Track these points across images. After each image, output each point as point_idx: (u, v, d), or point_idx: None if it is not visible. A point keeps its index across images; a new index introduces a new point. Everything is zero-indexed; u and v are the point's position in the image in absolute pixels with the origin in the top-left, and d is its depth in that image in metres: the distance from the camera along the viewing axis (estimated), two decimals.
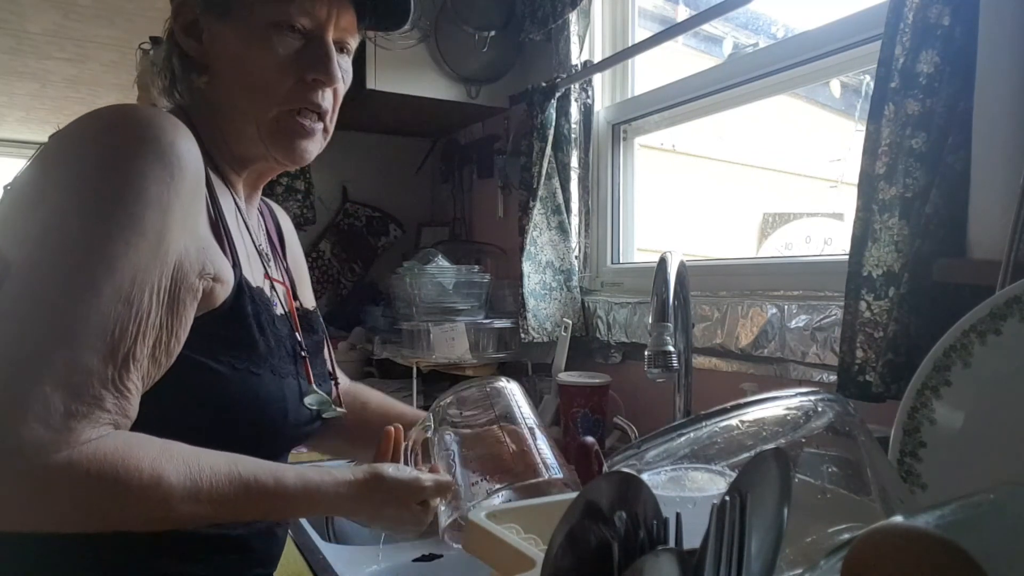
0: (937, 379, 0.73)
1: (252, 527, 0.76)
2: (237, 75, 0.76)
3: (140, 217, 0.61)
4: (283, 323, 0.80)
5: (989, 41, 0.83)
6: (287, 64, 0.75)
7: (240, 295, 0.71)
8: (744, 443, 0.50)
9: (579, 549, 0.40)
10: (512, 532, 0.64)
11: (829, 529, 0.47)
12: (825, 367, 1.09)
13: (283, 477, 0.67)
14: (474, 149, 2.18)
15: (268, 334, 0.74)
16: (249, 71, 0.75)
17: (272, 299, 0.80)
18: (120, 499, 0.58)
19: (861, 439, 0.52)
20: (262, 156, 0.80)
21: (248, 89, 0.76)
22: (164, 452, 0.60)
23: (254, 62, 0.75)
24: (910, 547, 0.34)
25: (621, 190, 1.71)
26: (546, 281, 1.66)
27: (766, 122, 1.90)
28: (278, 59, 0.75)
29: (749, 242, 2.17)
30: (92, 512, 0.58)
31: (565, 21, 1.68)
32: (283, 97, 0.76)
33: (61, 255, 0.59)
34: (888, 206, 0.90)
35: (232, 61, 0.76)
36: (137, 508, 0.59)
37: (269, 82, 0.75)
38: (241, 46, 0.75)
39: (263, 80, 0.75)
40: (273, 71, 0.75)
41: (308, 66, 0.76)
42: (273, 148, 0.78)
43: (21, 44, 2.72)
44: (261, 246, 0.85)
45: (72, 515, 0.58)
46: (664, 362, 0.89)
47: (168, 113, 0.68)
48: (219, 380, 0.68)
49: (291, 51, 0.76)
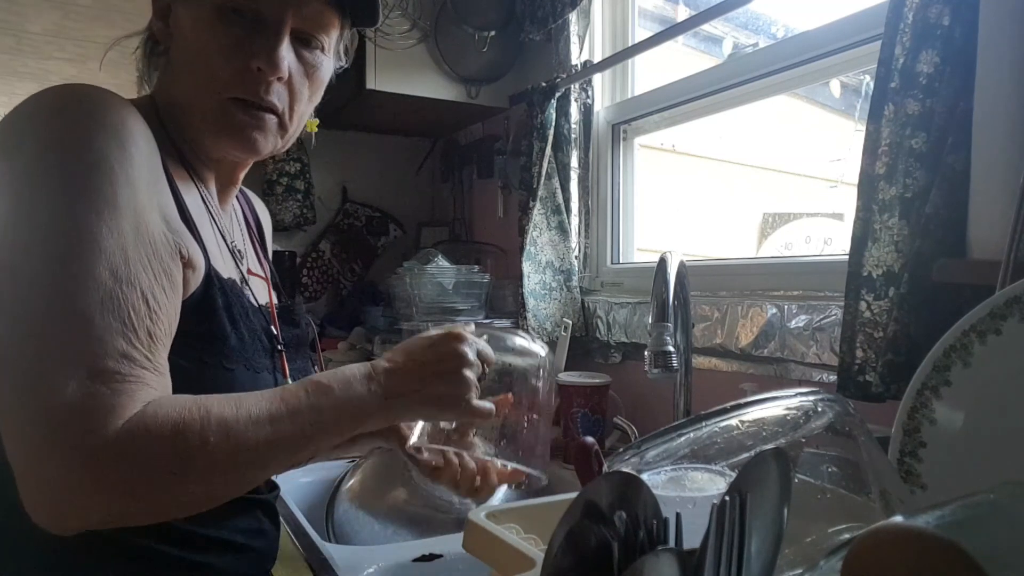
0: (937, 379, 0.73)
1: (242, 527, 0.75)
2: (184, 59, 0.73)
3: (113, 195, 0.59)
4: (258, 316, 0.78)
5: (989, 41, 0.83)
6: (228, 49, 0.71)
7: (210, 286, 0.69)
8: (744, 443, 0.50)
9: (579, 549, 0.40)
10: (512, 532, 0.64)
11: (829, 529, 0.47)
12: (825, 367, 1.09)
13: (315, 376, 0.66)
14: (474, 149, 2.18)
15: (241, 326, 0.72)
16: (193, 55, 0.72)
17: (244, 291, 0.78)
18: (185, 444, 0.56)
19: (861, 439, 0.52)
20: (215, 147, 0.76)
21: (191, 74, 0.72)
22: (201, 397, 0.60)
23: (198, 46, 0.71)
24: (910, 547, 0.34)
25: (621, 190, 1.71)
26: (546, 281, 1.66)
27: (766, 122, 1.90)
28: (219, 43, 0.70)
29: (749, 242, 2.17)
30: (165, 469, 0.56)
31: (565, 21, 1.68)
32: (223, 84, 0.71)
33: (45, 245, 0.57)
34: (888, 206, 0.90)
35: (182, 45, 0.73)
36: (204, 451, 0.57)
37: (210, 67, 0.71)
38: (190, 29, 0.72)
39: (204, 65, 0.71)
40: (214, 55, 0.71)
41: (251, 53, 0.71)
42: (216, 137, 0.74)
43: (21, 44, 2.72)
44: (234, 243, 0.82)
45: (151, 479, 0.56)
46: (664, 362, 0.89)
47: (114, 92, 0.66)
48: (187, 378, 0.64)
49: (232, 37, 0.71)
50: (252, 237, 0.90)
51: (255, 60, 0.71)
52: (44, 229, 0.57)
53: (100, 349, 0.55)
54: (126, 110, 0.64)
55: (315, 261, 2.30)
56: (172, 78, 0.75)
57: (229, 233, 0.82)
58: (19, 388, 0.54)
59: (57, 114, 0.61)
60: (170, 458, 0.56)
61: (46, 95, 0.62)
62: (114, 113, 0.62)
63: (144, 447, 0.55)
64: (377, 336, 1.98)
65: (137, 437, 0.54)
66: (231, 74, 0.71)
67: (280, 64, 0.72)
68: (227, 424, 0.58)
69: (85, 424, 0.53)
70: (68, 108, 0.61)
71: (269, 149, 0.77)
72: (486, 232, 2.17)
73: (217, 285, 0.70)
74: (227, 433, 0.58)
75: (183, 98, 0.74)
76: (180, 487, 0.57)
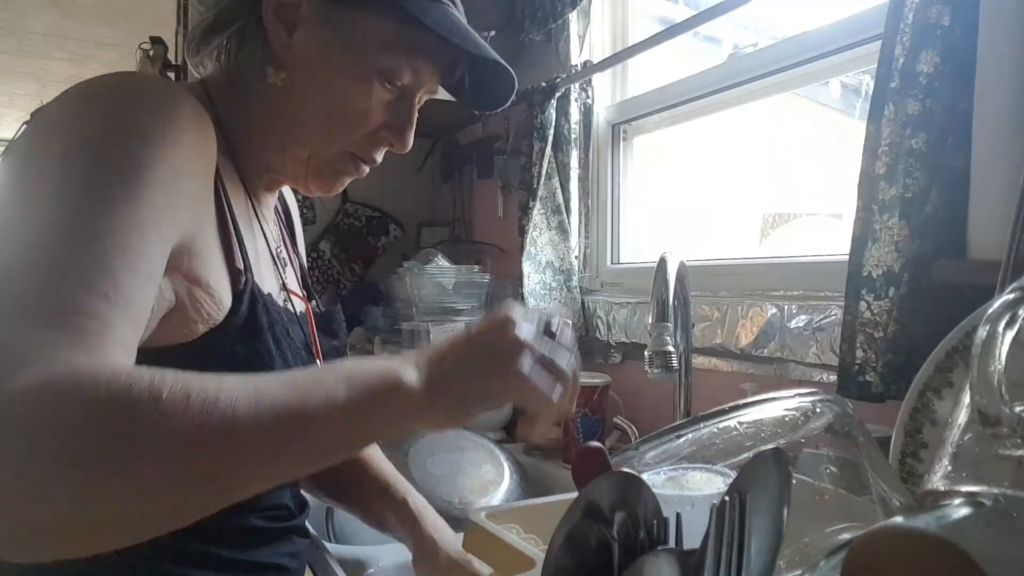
0: (939, 380, 0.73)
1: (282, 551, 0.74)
2: (320, 101, 0.69)
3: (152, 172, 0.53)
4: (296, 329, 0.75)
5: (989, 41, 0.83)
6: (374, 113, 0.71)
7: (254, 304, 0.65)
8: (743, 444, 0.50)
9: (579, 549, 0.40)
10: (512, 532, 0.64)
11: (828, 529, 0.47)
12: (825, 367, 1.09)
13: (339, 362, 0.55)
14: (474, 149, 2.18)
15: (284, 347, 0.69)
16: (336, 105, 0.69)
17: (285, 304, 0.76)
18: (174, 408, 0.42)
19: (860, 440, 0.52)
20: (292, 176, 0.75)
21: (324, 121, 0.70)
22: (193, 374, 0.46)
23: (346, 100, 0.69)
24: (910, 547, 0.34)
25: (621, 190, 1.71)
26: (546, 281, 1.66)
27: (766, 122, 1.90)
28: (369, 106, 0.70)
29: (749, 242, 2.17)
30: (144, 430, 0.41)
31: (565, 21, 1.68)
32: (355, 141, 0.72)
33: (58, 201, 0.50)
34: (888, 206, 0.90)
35: (321, 83, 0.69)
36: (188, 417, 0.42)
37: (350, 125, 0.70)
38: (340, 75, 0.69)
39: (345, 121, 0.70)
40: (359, 117, 0.70)
41: (390, 125, 0.72)
42: (313, 177, 0.74)
43: (21, 44, 2.72)
44: (279, 250, 0.80)
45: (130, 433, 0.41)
46: (664, 362, 0.89)
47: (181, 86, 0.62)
48: None
49: (382, 102, 0.71)
50: (283, 232, 0.87)
51: (390, 132, 0.73)
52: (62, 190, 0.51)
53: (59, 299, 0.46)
54: (196, 109, 0.59)
55: (315, 261, 2.29)
56: (288, 99, 0.70)
57: (274, 238, 0.80)
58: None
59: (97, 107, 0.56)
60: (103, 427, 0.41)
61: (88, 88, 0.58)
62: (185, 107, 0.58)
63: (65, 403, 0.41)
64: (377, 336, 1.98)
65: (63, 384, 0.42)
66: (365, 135, 0.72)
67: (409, 143, 0.74)
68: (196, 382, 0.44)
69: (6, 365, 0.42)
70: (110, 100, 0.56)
71: None
72: (486, 232, 2.17)
73: (261, 303, 0.67)
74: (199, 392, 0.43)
75: (295, 127, 0.71)
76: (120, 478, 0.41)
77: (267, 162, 0.75)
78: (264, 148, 0.74)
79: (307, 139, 0.71)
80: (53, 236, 0.48)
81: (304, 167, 0.74)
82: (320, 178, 0.75)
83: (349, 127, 0.71)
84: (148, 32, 2.37)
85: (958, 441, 0.46)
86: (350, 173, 0.76)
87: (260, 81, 0.70)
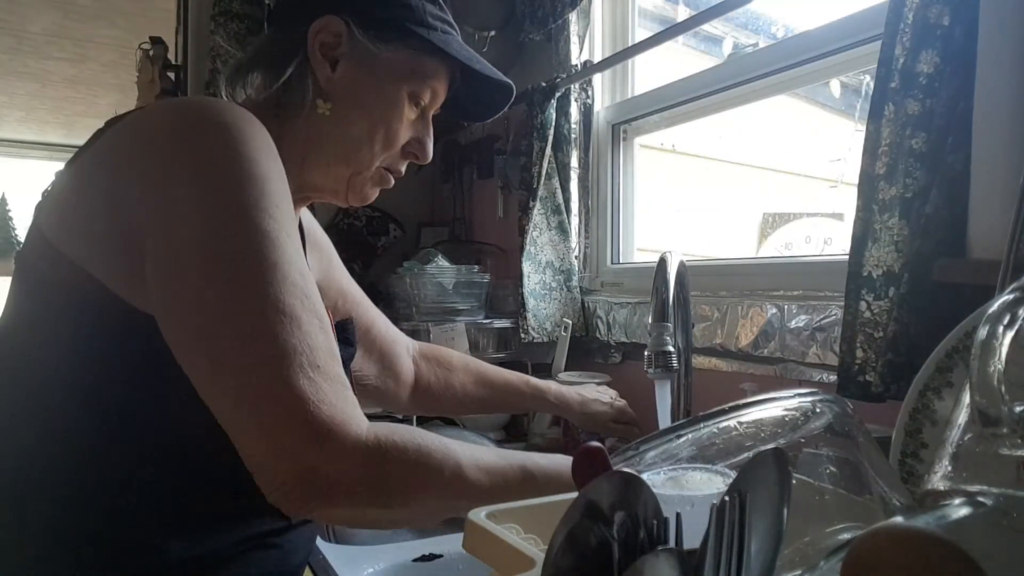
0: (939, 380, 0.73)
1: None
2: (362, 124, 0.79)
3: (279, 204, 0.62)
4: None
5: (989, 41, 0.83)
6: (404, 131, 0.82)
7: None
8: (743, 444, 0.50)
9: (579, 549, 0.40)
10: (512, 532, 0.64)
11: (828, 529, 0.47)
12: (825, 367, 1.09)
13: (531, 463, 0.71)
14: (474, 149, 2.18)
15: None
16: (376, 126, 0.80)
17: None
18: (426, 466, 0.61)
19: (860, 440, 0.52)
20: (332, 192, 0.84)
21: (366, 141, 0.80)
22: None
23: (385, 121, 0.80)
24: (910, 547, 0.34)
25: (621, 190, 1.71)
26: (546, 281, 1.66)
27: (766, 122, 1.90)
28: (401, 125, 0.81)
29: (749, 242, 2.17)
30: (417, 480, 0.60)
31: (565, 21, 1.68)
32: (389, 155, 0.83)
33: (241, 254, 0.59)
34: (888, 206, 0.90)
35: (364, 109, 0.79)
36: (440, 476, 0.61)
37: (388, 143, 0.81)
38: (378, 101, 0.79)
39: (384, 139, 0.80)
40: (394, 134, 0.81)
41: (415, 141, 0.84)
42: (351, 191, 0.84)
43: (21, 44, 2.72)
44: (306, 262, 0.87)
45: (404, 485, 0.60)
46: (664, 362, 0.89)
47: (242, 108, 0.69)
48: None
49: (409, 121, 0.83)
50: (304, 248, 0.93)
51: (416, 147, 0.85)
52: (237, 241, 0.59)
53: (313, 343, 0.58)
54: (263, 129, 0.67)
55: None
56: (334, 126, 0.79)
57: None
58: (244, 383, 0.56)
59: (211, 131, 0.63)
60: (415, 471, 0.60)
61: (193, 107, 0.65)
62: (260, 130, 0.66)
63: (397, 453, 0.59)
64: None
65: (385, 442, 0.59)
66: (397, 151, 0.83)
67: (430, 155, 0.87)
68: (457, 459, 0.62)
69: (332, 413, 0.56)
70: (220, 124, 0.63)
71: None
72: (486, 232, 2.17)
73: None
74: (457, 466, 0.62)
75: (339, 150, 0.80)
76: (416, 504, 0.61)
77: (308, 180, 0.82)
78: (304, 168, 0.81)
79: (352, 159, 0.81)
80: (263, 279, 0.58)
81: (345, 184, 0.83)
82: (360, 192, 0.84)
83: (387, 146, 0.81)
84: (148, 32, 2.37)
85: (958, 441, 0.46)
86: (383, 185, 0.87)
87: (306, 110, 0.79)
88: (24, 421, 0.65)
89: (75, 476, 0.64)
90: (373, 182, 0.85)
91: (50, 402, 0.64)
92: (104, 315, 0.62)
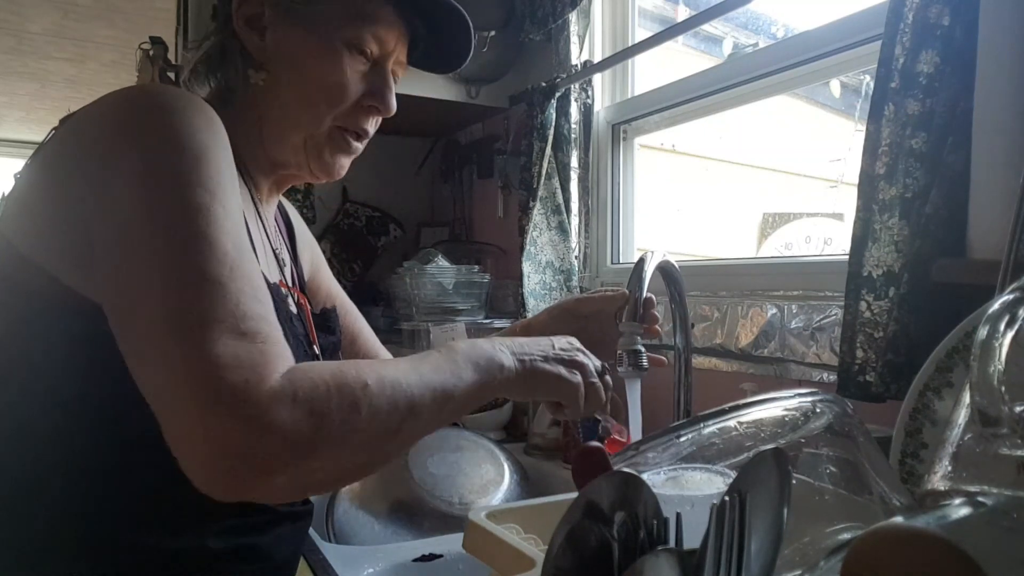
0: (939, 380, 0.73)
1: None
2: (300, 83, 0.76)
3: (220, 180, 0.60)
4: (298, 324, 0.80)
5: (989, 41, 0.83)
6: (351, 85, 0.77)
7: None
8: (743, 444, 0.50)
9: (579, 549, 0.40)
10: (512, 532, 0.64)
11: (828, 529, 0.47)
12: (825, 367, 1.09)
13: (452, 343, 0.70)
14: (474, 149, 2.18)
15: (287, 334, 0.71)
16: (314, 83, 0.76)
17: (287, 299, 0.80)
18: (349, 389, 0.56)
19: (860, 440, 0.52)
20: (296, 165, 0.80)
21: (308, 101, 0.76)
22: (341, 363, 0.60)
23: (322, 76, 0.76)
24: (910, 547, 0.34)
25: (621, 190, 1.71)
26: (546, 281, 1.66)
27: (766, 122, 1.90)
28: (345, 79, 0.76)
29: (749, 242, 2.17)
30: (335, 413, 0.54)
31: (565, 21, 1.68)
32: (339, 115, 0.78)
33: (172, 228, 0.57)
34: (888, 206, 0.90)
35: (297, 68, 0.76)
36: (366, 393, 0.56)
37: (332, 98, 0.76)
38: (311, 57, 0.75)
39: (327, 95, 0.76)
40: (338, 89, 0.76)
41: (370, 92, 0.78)
42: (314, 160, 0.79)
43: (21, 44, 2.72)
44: (279, 250, 0.84)
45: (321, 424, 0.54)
46: (634, 361, 0.89)
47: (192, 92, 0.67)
48: None
49: (357, 73, 0.77)
50: (283, 235, 0.92)
51: (371, 99, 0.79)
52: (168, 215, 0.57)
53: (239, 311, 0.55)
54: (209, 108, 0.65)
55: None
56: (274, 94, 0.77)
57: (274, 239, 0.84)
58: (165, 354, 0.53)
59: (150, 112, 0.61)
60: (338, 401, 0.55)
61: (131, 95, 0.63)
62: (202, 109, 0.64)
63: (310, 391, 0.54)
64: (377, 336, 1.98)
65: (299, 381, 0.54)
66: (349, 107, 0.78)
67: (393, 105, 0.81)
68: (379, 370, 0.58)
69: (246, 376, 0.52)
70: (158, 105, 0.61)
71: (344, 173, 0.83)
72: (486, 232, 2.17)
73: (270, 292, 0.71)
74: (381, 377, 0.58)
75: (285, 117, 0.77)
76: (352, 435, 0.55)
77: (272, 158, 0.80)
78: (265, 146, 0.79)
79: (297, 122, 0.77)
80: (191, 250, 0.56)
81: (303, 153, 0.79)
82: (319, 160, 0.80)
83: (331, 101, 0.77)
84: (148, 32, 2.37)
85: (958, 441, 0.46)
86: (345, 150, 0.81)
87: (246, 87, 0.77)
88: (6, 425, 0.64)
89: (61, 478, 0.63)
90: (333, 147, 0.80)
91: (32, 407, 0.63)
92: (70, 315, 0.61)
